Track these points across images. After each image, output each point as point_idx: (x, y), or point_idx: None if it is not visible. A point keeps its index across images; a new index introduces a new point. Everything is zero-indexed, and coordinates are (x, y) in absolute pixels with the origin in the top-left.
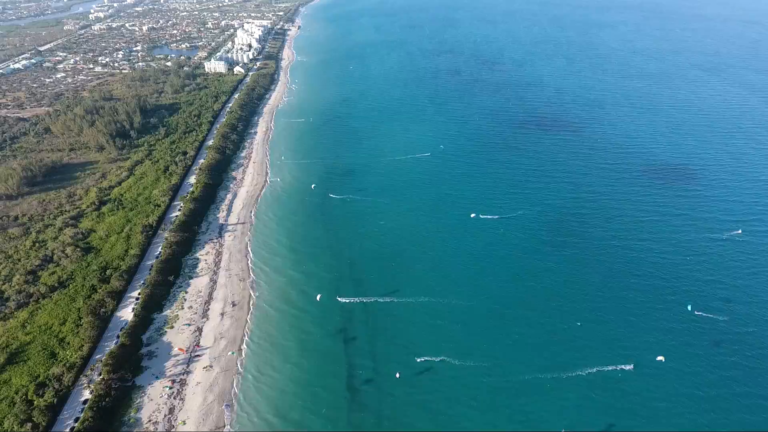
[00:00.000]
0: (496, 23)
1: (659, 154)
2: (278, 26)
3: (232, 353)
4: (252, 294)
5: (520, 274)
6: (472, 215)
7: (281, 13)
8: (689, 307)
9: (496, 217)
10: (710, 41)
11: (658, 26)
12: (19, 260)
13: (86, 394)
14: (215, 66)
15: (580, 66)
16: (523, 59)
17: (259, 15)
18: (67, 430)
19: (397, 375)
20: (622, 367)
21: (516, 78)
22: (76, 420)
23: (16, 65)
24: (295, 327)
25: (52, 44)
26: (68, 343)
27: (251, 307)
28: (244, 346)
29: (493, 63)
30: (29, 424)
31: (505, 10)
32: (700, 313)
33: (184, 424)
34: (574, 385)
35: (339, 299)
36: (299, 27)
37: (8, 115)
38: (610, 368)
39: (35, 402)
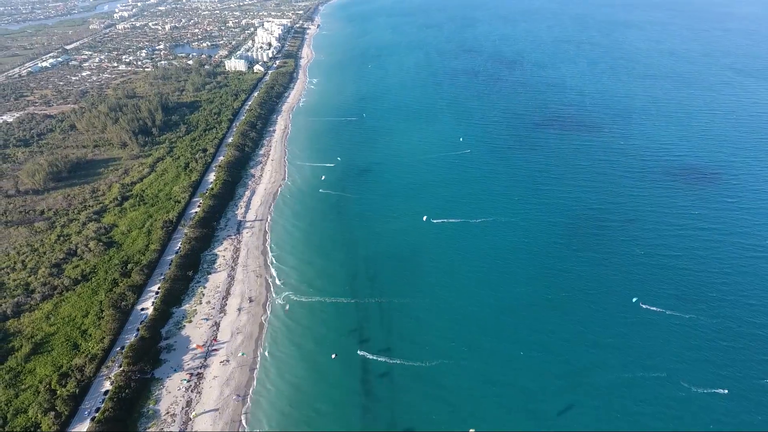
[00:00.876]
0: (515, 22)
1: (688, 159)
2: (297, 25)
3: (242, 354)
4: (268, 290)
5: (537, 277)
6: (424, 218)
7: (301, 12)
8: (634, 300)
9: (512, 219)
10: (744, 42)
11: (687, 26)
12: (45, 253)
13: (107, 385)
14: (235, 64)
15: (603, 68)
16: (545, 61)
17: (278, 14)
18: (88, 419)
19: (333, 356)
20: (643, 374)
21: (537, 80)
22: (97, 410)
23: (44, 63)
24: (310, 324)
25: (78, 43)
26: (90, 335)
27: (268, 303)
28: (259, 341)
29: (513, 65)
30: (52, 413)
31: (524, 9)
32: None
33: (204, 413)
34: (591, 391)
35: (354, 298)
36: (318, 25)
37: (36, 112)
38: (627, 375)
39: (58, 391)
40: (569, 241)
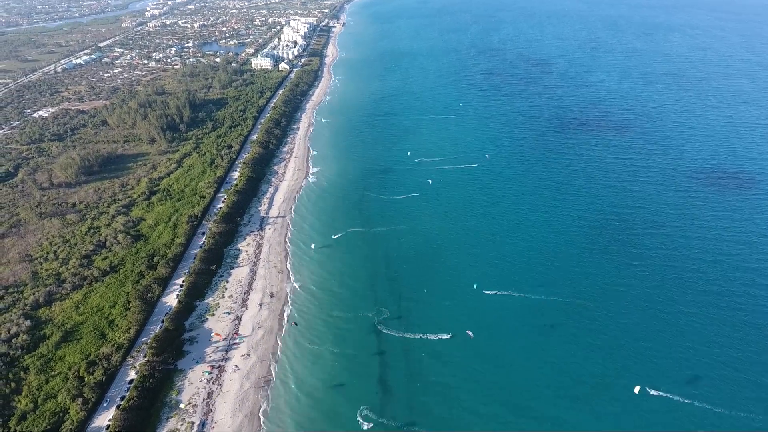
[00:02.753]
0: (542, 26)
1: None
2: (323, 23)
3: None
4: (289, 286)
5: (559, 280)
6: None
7: (327, 10)
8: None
9: (539, 221)
10: None
11: (737, 30)
12: (76, 245)
13: (132, 374)
14: (261, 62)
15: (636, 78)
16: (573, 71)
17: (305, 12)
18: (114, 407)
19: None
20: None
21: (564, 93)
22: (122, 398)
23: (78, 60)
24: (330, 320)
25: (110, 40)
26: (117, 325)
27: (288, 298)
28: (279, 336)
29: (540, 74)
30: (80, 400)
31: (551, 11)
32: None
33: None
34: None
35: (374, 294)
36: (344, 24)
37: (70, 107)
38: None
39: (86, 379)
40: (593, 245)
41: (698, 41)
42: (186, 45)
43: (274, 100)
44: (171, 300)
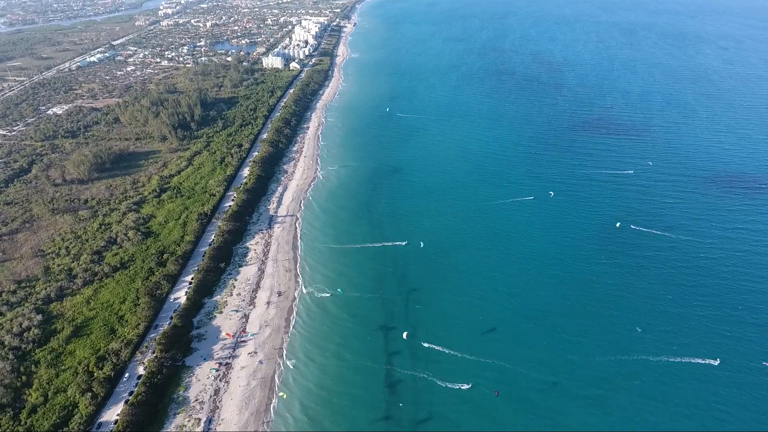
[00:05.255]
0: (552, 33)
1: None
2: (335, 23)
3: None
4: (297, 285)
5: (569, 281)
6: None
7: (338, 10)
8: None
9: (550, 220)
10: None
11: None
12: (87, 241)
13: (140, 370)
14: (272, 62)
15: (659, 100)
16: (586, 95)
17: (316, 12)
18: (122, 402)
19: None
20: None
21: (577, 120)
22: (130, 393)
23: (92, 58)
24: (337, 320)
25: (124, 39)
26: (126, 321)
27: (296, 297)
28: (287, 335)
29: (551, 92)
30: (89, 394)
31: (559, 16)
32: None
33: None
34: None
35: (382, 294)
36: (355, 24)
37: (83, 104)
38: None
39: (95, 374)
40: (602, 248)
41: (730, 54)
42: (198, 44)
43: (285, 100)
44: (180, 297)
